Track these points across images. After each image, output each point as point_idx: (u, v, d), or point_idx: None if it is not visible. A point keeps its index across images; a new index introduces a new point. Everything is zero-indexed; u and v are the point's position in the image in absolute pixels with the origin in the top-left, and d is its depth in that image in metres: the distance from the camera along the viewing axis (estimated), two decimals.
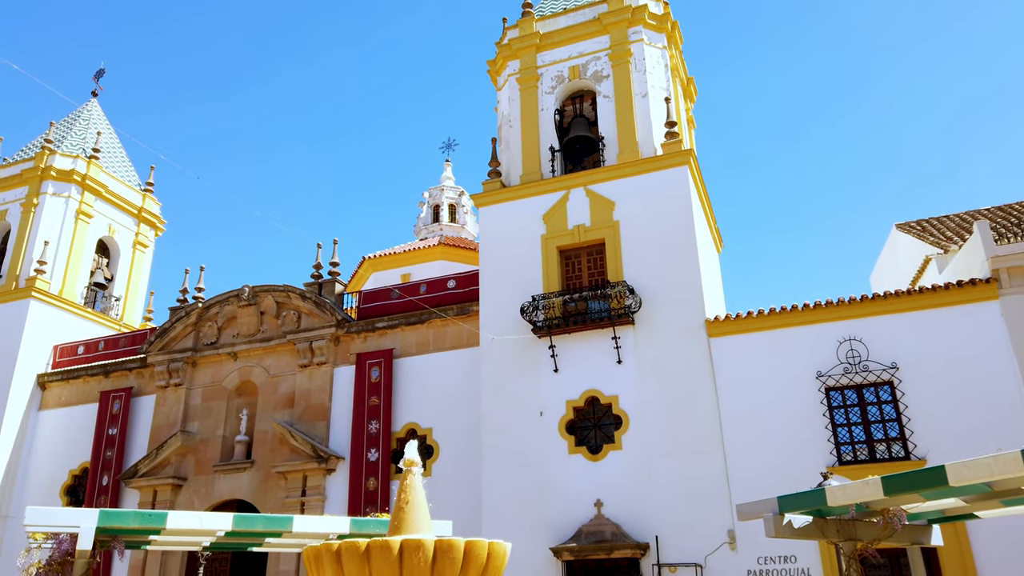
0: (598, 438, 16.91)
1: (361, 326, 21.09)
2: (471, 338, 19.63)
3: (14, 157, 28.47)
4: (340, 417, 20.48)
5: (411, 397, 20.01)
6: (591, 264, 18.65)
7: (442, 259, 28.66)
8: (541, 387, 17.56)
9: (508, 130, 21.00)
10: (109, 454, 22.35)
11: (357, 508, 18.65)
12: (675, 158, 18.53)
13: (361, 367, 20.56)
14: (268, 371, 21.76)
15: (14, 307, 24.66)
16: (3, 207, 27.16)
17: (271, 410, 21.21)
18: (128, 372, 23.51)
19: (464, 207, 34.78)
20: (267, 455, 20.69)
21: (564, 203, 19.05)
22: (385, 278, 28.49)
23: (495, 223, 19.68)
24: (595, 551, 15.48)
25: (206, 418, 21.89)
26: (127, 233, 29.22)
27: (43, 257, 25.46)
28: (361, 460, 19.50)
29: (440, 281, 21.41)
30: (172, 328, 22.98)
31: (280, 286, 22.32)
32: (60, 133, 28.89)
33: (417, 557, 4.33)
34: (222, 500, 20.62)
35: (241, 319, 22.49)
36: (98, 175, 28.04)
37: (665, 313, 17.22)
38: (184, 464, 21.51)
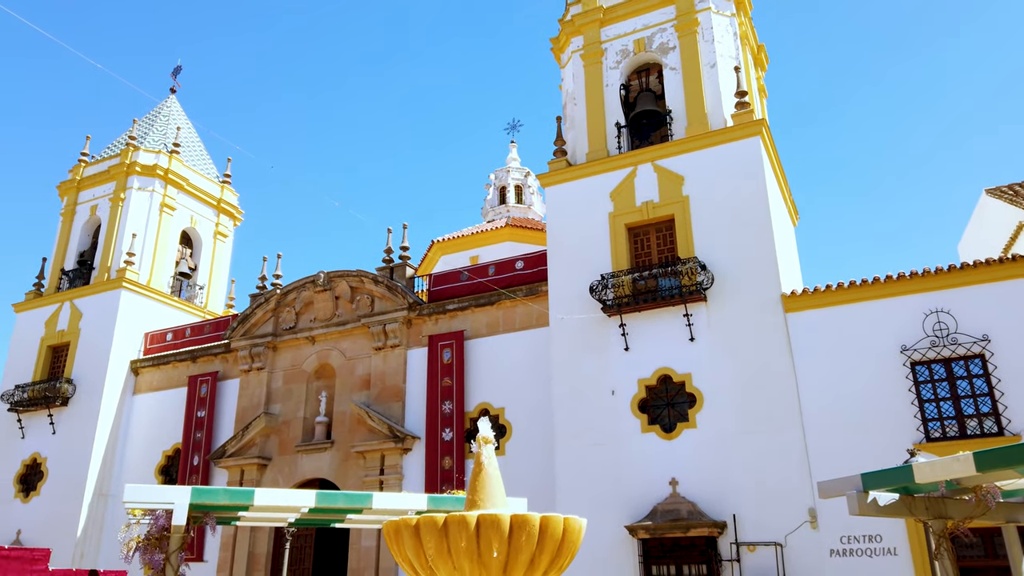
0: (672, 416, 16.73)
1: (432, 308, 21.40)
2: (541, 318, 19.66)
3: (101, 154, 29.92)
4: (415, 398, 20.89)
5: (483, 378, 20.22)
6: (660, 241, 18.36)
7: (509, 240, 28.74)
8: (612, 366, 17.47)
9: (573, 108, 20.80)
10: (199, 435, 23.44)
11: (433, 486, 19.03)
12: (746, 129, 18.01)
13: (433, 349, 20.88)
14: (344, 354, 22.35)
15: (107, 297, 26.03)
16: (94, 202, 28.62)
17: (348, 392, 21.80)
18: (213, 357, 24.53)
19: (530, 188, 34.73)
20: (346, 435, 21.30)
21: (631, 180, 18.78)
22: (454, 261, 28.78)
23: (562, 202, 19.58)
24: (671, 529, 15.38)
25: (287, 400, 22.68)
26: (208, 224, 30.39)
27: (131, 249, 26.74)
28: (436, 440, 19.86)
29: (508, 262, 21.48)
30: (253, 314, 23.82)
31: (353, 271, 22.82)
32: (142, 130, 30.18)
33: (494, 532, 4.38)
34: (305, 479, 21.36)
35: (317, 304, 23.12)
36: (179, 169, 29.21)
37: (739, 289, 16.84)
38: (268, 444, 22.37)
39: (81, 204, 28.89)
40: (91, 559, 22.91)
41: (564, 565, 4.81)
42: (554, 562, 4.66)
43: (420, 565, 4.61)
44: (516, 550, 4.44)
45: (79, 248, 28.41)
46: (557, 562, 4.68)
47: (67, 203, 29.10)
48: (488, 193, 34.93)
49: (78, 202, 28.97)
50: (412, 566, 4.68)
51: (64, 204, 29.18)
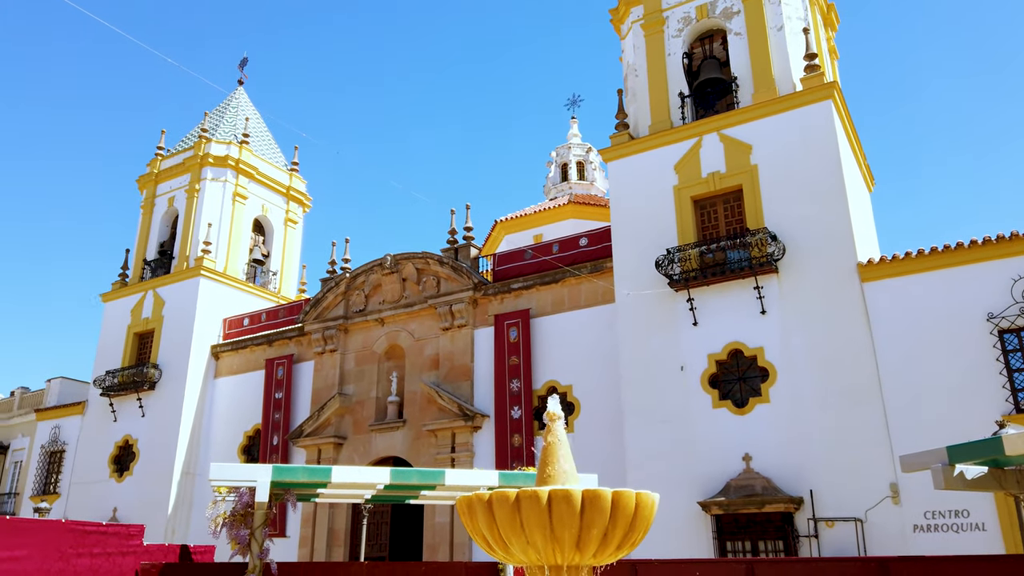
0: (743, 391, 16.42)
1: (497, 288, 21.50)
2: (606, 295, 19.52)
3: (176, 147, 31.04)
4: (483, 377, 21.11)
5: (549, 355, 20.25)
6: (728, 212, 17.93)
7: (572, 217, 28.56)
8: (681, 341, 17.23)
9: (634, 80, 20.42)
10: (277, 416, 24.28)
11: (504, 463, 19.25)
12: (817, 93, 17.33)
13: (499, 328, 21.02)
14: (413, 335, 22.72)
15: (187, 285, 27.13)
16: (171, 194, 29.77)
17: (418, 371, 22.18)
18: (288, 340, 25.31)
19: (592, 163, 34.37)
20: (417, 414, 21.72)
21: (696, 150, 18.36)
22: (518, 240, 28.80)
23: (625, 177, 19.31)
24: (745, 505, 15.15)
25: (360, 381, 23.24)
26: (278, 211, 31.24)
27: (208, 238, 27.75)
28: (505, 417, 20.05)
29: (572, 239, 21.37)
30: (324, 298, 24.44)
31: (419, 253, 23.11)
32: (213, 121, 31.14)
33: (565, 507, 4.39)
34: (379, 457, 21.91)
35: (385, 286, 23.54)
36: (249, 158, 30.07)
37: (812, 259, 16.32)
38: (343, 424, 23.01)
39: (159, 196, 30.09)
40: (181, 535, 24.12)
41: (637, 540, 4.79)
42: (627, 537, 4.65)
43: (493, 539, 4.67)
44: (588, 525, 4.45)
45: (159, 239, 29.64)
46: (630, 537, 4.67)
47: (146, 196, 30.35)
48: (550, 171, 34.75)
49: (156, 194, 30.17)
50: (486, 540, 4.74)
51: (144, 197, 30.45)
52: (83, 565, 9.00)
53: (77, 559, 8.96)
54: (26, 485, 28.68)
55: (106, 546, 9.25)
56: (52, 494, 27.54)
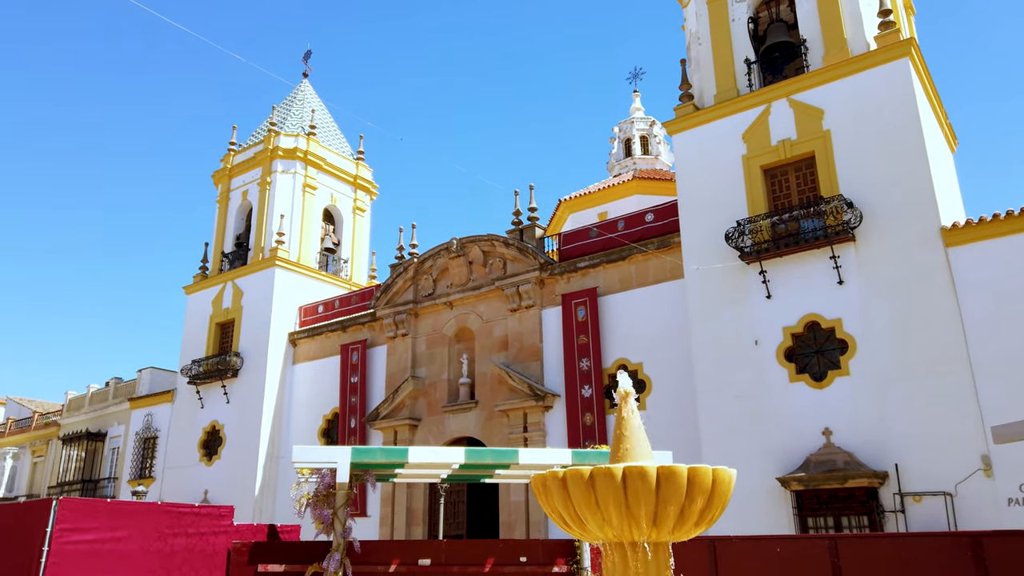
0: (821, 364, 15.96)
1: (563, 267, 21.45)
2: (675, 270, 19.23)
3: (247, 142, 31.99)
4: (552, 356, 21.15)
5: (619, 333, 20.12)
6: (800, 181, 17.35)
7: (637, 193, 28.16)
8: (754, 315, 16.85)
9: (698, 48, 19.90)
10: (353, 400, 24.95)
11: (576, 442, 19.29)
12: (892, 51, 16.53)
13: (567, 307, 20.98)
14: (482, 317, 22.92)
15: (263, 275, 28.04)
16: (245, 188, 30.74)
17: (488, 353, 22.39)
18: (361, 326, 25.90)
19: (656, 137, 33.75)
20: (488, 395, 21.95)
21: (765, 118, 17.80)
22: (582, 218, 28.61)
23: (691, 149, 18.90)
24: (826, 480, 14.78)
25: (431, 363, 23.63)
26: (346, 200, 31.90)
27: (281, 229, 28.58)
28: (576, 396, 20.06)
29: (638, 216, 21.10)
30: (394, 283, 24.88)
31: (484, 236, 23.24)
32: (281, 115, 31.93)
33: (641, 483, 4.37)
34: (453, 438, 22.28)
35: (453, 270, 23.79)
36: (317, 149, 30.76)
37: (892, 226, 15.66)
38: (417, 406, 23.46)
39: (234, 191, 31.11)
40: (268, 515, 25.13)
41: (715, 516, 4.73)
42: (705, 513, 4.60)
43: (569, 516, 4.69)
44: (664, 501, 4.42)
45: (236, 231, 30.70)
46: (708, 514, 4.62)
47: (221, 190, 31.44)
48: (613, 147, 34.30)
49: (231, 189, 31.21)
50: (561, 517, 4.77)
51: (219, 192, 31.55)
52: (179, 544, 9.50)
53: (174, 539, 9.46)
54: (123, 470, 30.36)
55: (199, 526, 9.73)
56: (148, 478, 29.08)
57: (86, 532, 8.61)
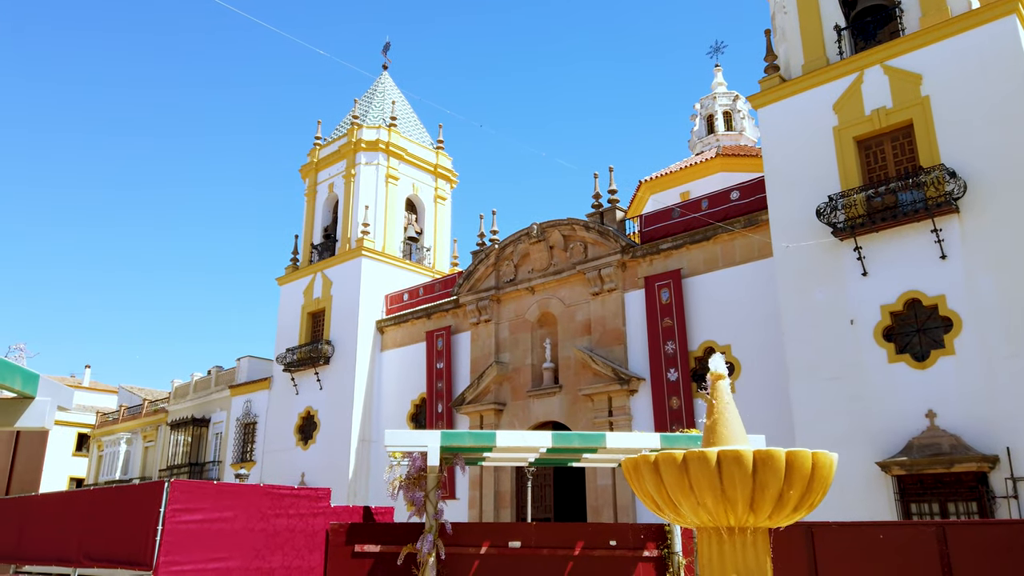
0: (923, 344, 15.17)
1: (646, 249, 21.13)
2: (763, 249, 18.64)
3: (332, 135, 32.88)
4: (636, 340, 20.92)
5: (705, 315, 19.70)
6: (897, 151, 16.47)
7: (721, 171, 27.41)
8: (848, 293, 16.16)
9: (783, 17, 19.11)
10: (440, 385, 25.41)
11: (663, 426, 19.06)
12: (997, 8, 15.42)
13: (650, 290, 20.69)
14: (563, 301, 22.88)
15: (350, 265, 28.85)
16: (330, 180, 31.65)
17: (571, 337, 22.35)
18: (445, 313, 26.30)
19: (740, 112, 32.72)
20: (572, 379, 21.93)
21: (858, 87, 16.95)
22: (664, 199, 28.07)
23: (778, 122, 18.21)
24: (930, 465, 14.08)
25: (515, 349, 23.78)
26: (428, 189, 32.39)
27: (366, 219, 29.30)
28: (661, 380, 19.79)
29: (722, 194, 20.54)
30: (476, 270, 25.13)
31: (564, 220, 23.13)
32: (363, 108, 32.65)
33: (736, 468, 4.27)
34: (538, 422, 22.39)
35: (533, 255, 23.81)
36: (398, 140, 31.34)
37: (1000, 195, 14.68)
38: (502, 391, 23.69)
39: (320, 184, 32.09)
40: (361, 497, 25.95)
41: (815, 502, 4.58)
42: (804, 498, 4.45)
43: (662, 500, 4.63)
44: (762, 486, 4.31)
45: (323, 223, 31.69)
46: (807, 499, 4.47)
47: (309, 184, 32.46)
48: (694, 124, 33.47)
49: (318, 182, 32.20)
50: (654, 501, 4.72)
51: (307, 185, 32.58)
52: (281, 525, 9.92)
53: (275, 519, 9.88)
54: (226, 454, 31.96)
55: (299, 508, 10.13)
56: (249, 461, 30.52)
57: (195, 512, 9.10)
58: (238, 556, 9.34)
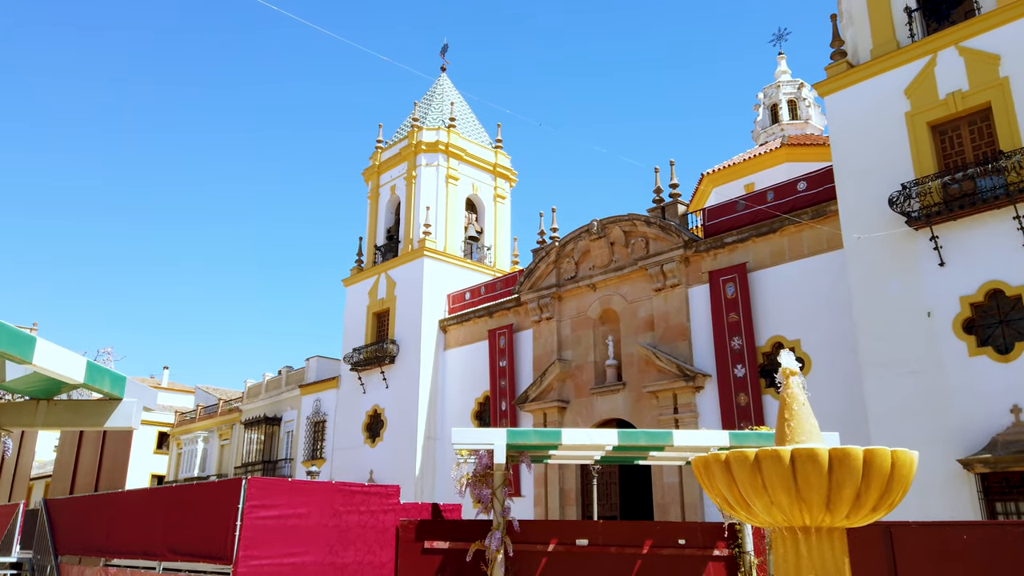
0: (1007, 336, 14.49)
1: (709, 244, 20.79)
2: (832, 241, 18.12)
3: (392, 139, 33.41)
4: (700, 336, 20.60)
5: (772, 310, 19.27)
6: (975, 135, 15.77)
7: (787, 161, 26.75)
8: (925, 284, 15.56)
9: (849, 1, 18.51)
10: (503, 383, 25.54)
11: (730, 423, 18.73)
12: None
13: (715, 285, 20.34)
14: (625, 298, 22.70)
15: (413, 266, 29.28)
16: (392, 183, 32.18)
17: (633, 334, 22.16)
18: (507, 311, 26.43)
19: (805, 100, 31.83)
20: (636, 376, 21.75)
21: (931, 70, 16.30)
22: (727, 191, 27.57)
23: (846, 110, 17.65)
24: (1017, 462, 13.44)
25: (577, 346, 23.72)
26: (487, 189, 32.59)
27: (427, 220, 29.68)
28: (728, 376, 19.44)
29: (788, 185, 20.04)
30: (536, 268, 25.16)
31: (625, 215, 22.95)
32: (422, 110, 33.06)
33: (811, 466, 4.17)
34: (602, 419, 22.28)
35: (594, 252, 23.70)
36: (457, 141, 31.63)
37: None
38: (565, 388, 23.66)
39: (382, 186, 32.66)
40: (428, 494, 26.32)
41: (895, 502, 4.44)
42: (883, 498, 4.32)
43: (734, 499, 4.56)
44: (838, 485, 4.20)
45: (386, 225, 32.25)
46: (887, 498, 4.33)
47: (371, 187, 33.08)
48: (758, 114, 32.72)
49: (380, 184, 32.79)
50: (725, 500, 4.65)
51: (369, 188, 33.21)
52: (352, 521, 10.15)
53: (347, 515, 10.12)
54: (297, 451, 32.86)
55: (370, 504, 10.35)
56: (319, 459, 31.30)
57: (272, 508, 9.40)
58: (313, 551, 9.61)
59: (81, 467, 17.42)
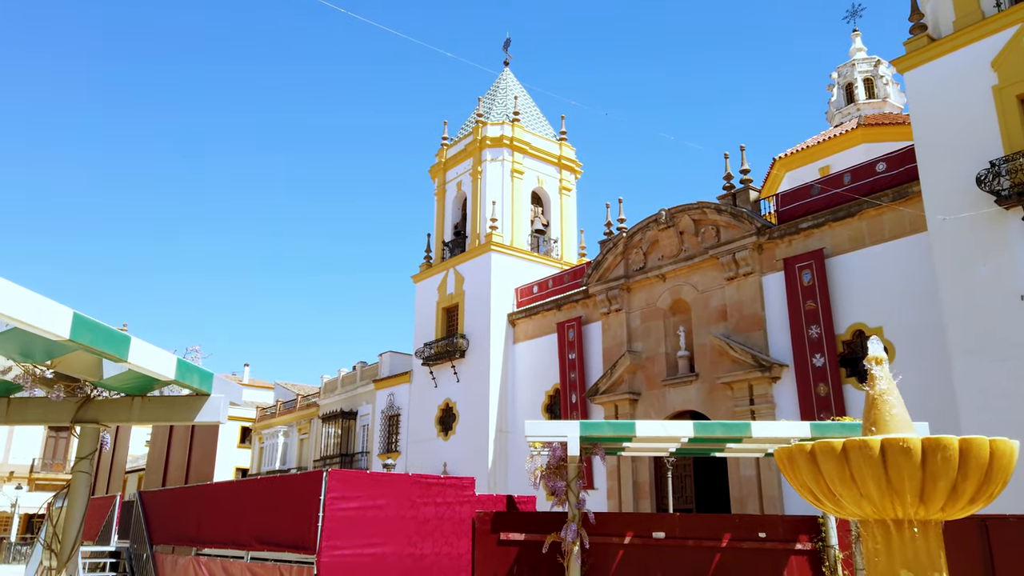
0: None
1: (783, 230, 20.21)
2: (916, 223, 17.36)
3: (458, 135, 33.69)
4: (776, 325, 20.08)
5: (852, 297, 18.61)
6: None
7: (863, 142, 25.77)
8: (1017, 266, 14.75)
9: None
10: (572, 376, 25.48)
11: (809, 414, 18.19)
12: None
13: (790, 272, 19.77)
14: (696, 288, 22.30)
15: (480, 261, 29.48)
16: (458, 179, 32.47)
17: (705, 324, 21.76)
18: (575, 303, 26.33)
19: (883, 78, 30.55)
20: (709, 367, 21.35)
21: (1020, 40, 15.41)
22: (801, 176, 26.74)
23: (927, 86, 16.86)
24: None
25: (647, 337, 23.45)
26: (552, 181, 32.51)
27: (493, 215, 29.82)
28: (806, 366, 18.89)
29: (867, 167, 19.29)
30: (604, 260, 24.97)
31: (694, 204, 22.53)
32: (486, 105, 33.22)
33: (903, 457, 4.01)
34: (675, 411, 21.98)
35: (663, 242, 23.36)
36: (521, 135, 31.66)
37: None
38: (635, 380, 23.44)
39: (449, 183, 33.00)
40: (501, 486, 26.51)
41: (994, 493, 4.22)
42: (981, 490, 4.11)
43: (820, 491, 4.42)
44: (932, 477, 4.01)
45: (453, 221, 32.57)
46: (985, 490, 4.12)
47: (438, 184, 33.45)
48: (832, 94, 31.59)
49: (446, 180, 33.13)
50: (811, 492, 4.51)
51: (436, 185, 33.60)
52: (429, 512, 10.31)
53: (424, 507, 10.29)
54: (373, 445, 33.59)
55: (446, 496, 10.49)
56: (394, 452, 31.92)
57: (352, 500, 9.63)
58: (392, 542, 9.80)
59: (172, 461, 18.28)
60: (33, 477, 46.32)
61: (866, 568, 4.51)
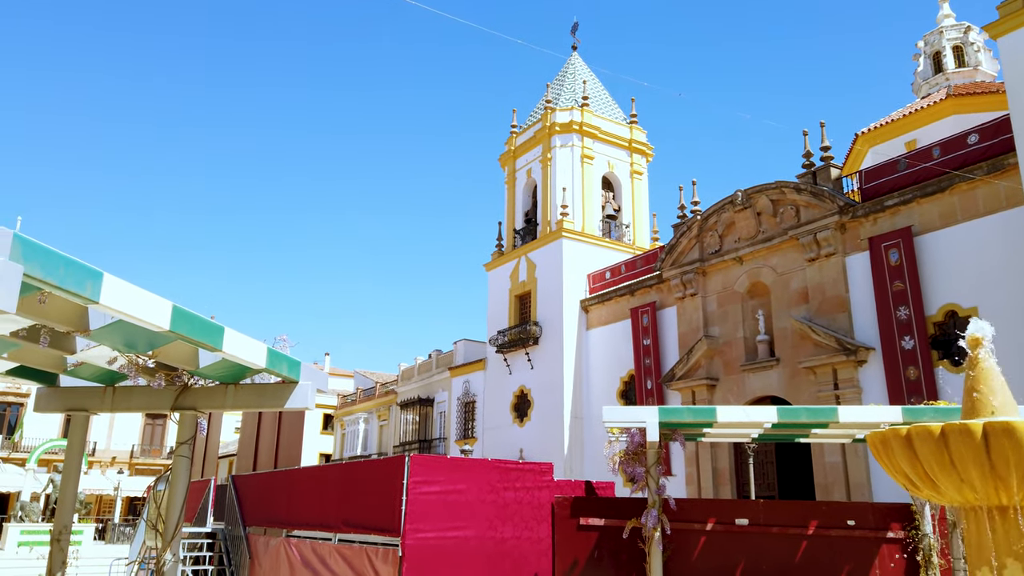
0: None
1: (868, 208, 19.42)
2: (1013, 197, 16.41)
3: (526, 122, 33.66)
4: (861, 306, 19.35)
5: (943, 276, 17.76)
6: None
7: (953, 113, 24.44)
8: None
9: None
10: (647, 362, 25.22)
11: (898, 398, 17.50)
12: None
13: (876, 251, 19.00)
14: (775, 270, 21.70)
15: (552, 248, 29.45)
16: (528, 166, 32.45)
17: (786, 307, 21.17)
18: (649, 288, 26.02)
19: (973, 45, 28.86)
20: (790, 351, 20.78)
21: None
22: (885, 151, 25.58)
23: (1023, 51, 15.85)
24: None
25: (724, 322, 22.97)
26: (623, 165, 32.13)
27: (564, 201, 29.71)
28: (894, 349, 18.15)
29: (957, 139, 18.32)
30: (678, 243, 24.56)
31: (772, 183, 21.89)
32: (555, 91, 33.05)
33: (1007, 441, 3.82)
34: (755, 397, 21.50)
35: (739, 223, 22.80)
36: (591, 120, 31.38)
37: None
38: (713, 366, 23.02)
39: (519, 170, 33.03)
40: (577, 472, 26.53)
41: None
42: None
43: (917, 477, 4.27)
44: None
45: (523, 208, 32.62)
46: None
47: (508, 172, 33.54)
48: (918, 64, 30.05)
49: (516, 168, 33.18)
50: (907, 478, 4.36)
51: (506, 173, 33.70)
52: (509, 497, 10.44)
53: (504, 492, 10.41)
54: (450, 431, 34.13)
55: (525, 481, 10.59)
56: (471, 438, 32.36)
57: (433, 484, 9.84)
58: (473, 526, 9.97)
59: (261, 446, 19.06)
60: (133, 462, 49.13)
61: (967, 558, 4.33)
